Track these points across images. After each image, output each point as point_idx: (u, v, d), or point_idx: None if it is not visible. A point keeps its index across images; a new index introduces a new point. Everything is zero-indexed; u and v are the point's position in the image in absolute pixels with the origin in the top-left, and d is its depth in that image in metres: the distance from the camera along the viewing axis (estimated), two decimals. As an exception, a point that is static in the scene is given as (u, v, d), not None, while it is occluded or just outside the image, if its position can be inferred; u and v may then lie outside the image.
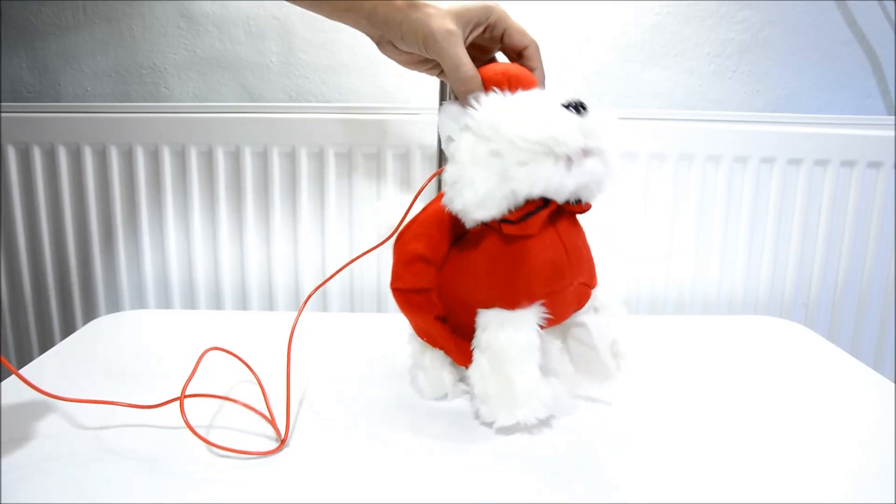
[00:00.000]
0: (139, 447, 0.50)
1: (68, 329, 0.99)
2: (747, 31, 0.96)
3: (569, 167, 0.48)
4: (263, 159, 0.94)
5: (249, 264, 0.97)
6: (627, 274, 0.97)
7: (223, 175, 0.94)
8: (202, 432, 0.52)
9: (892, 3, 0.95)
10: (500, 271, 0.51)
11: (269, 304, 0.98)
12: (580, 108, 0.48)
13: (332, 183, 0.94)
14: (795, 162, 0.95)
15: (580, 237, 0.55)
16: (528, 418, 0.51)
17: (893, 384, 0.64)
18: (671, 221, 0.96)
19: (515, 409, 0.51)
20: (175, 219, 0.96)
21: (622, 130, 0.51)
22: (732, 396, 0.61)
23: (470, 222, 0.52)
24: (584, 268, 0.54)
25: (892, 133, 0.94)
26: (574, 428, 0.55)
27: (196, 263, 0.97)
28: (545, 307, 0.52)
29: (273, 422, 0.54)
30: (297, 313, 0.59)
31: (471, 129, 0.50)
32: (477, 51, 0.56)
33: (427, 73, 0.59)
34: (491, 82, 0.52)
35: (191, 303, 0.99)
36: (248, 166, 0.94)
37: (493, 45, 0.56)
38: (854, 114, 0.99)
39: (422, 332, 0.58)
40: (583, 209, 0.53)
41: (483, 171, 0.48)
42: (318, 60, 0.96)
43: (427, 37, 0.51)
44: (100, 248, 0.97)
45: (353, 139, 0.93)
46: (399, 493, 0.45)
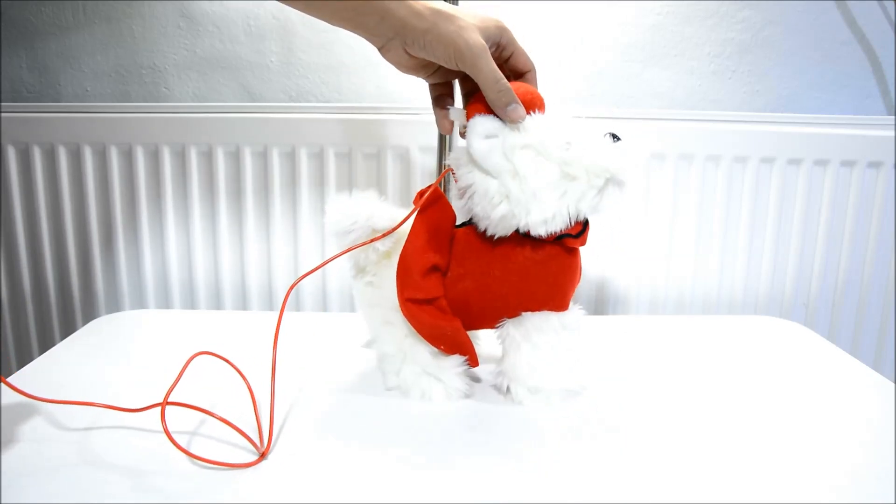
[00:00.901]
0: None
1: (68, 329, 0.99)
2: (747, 31, 0.96)
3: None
4: (263, 159, 0.94)
5: (249, 264, 0.97)
6: (627, 274, 0.97)
7: (223, 175, 0.94)
8: (186, 439, 0.51)
9: (892, 3, 0.95)
10: (556, 278, 0.56)
11: (269, 304, 0.98)
12: (616, 138, 0.54)
13: (331, 183, 0.94)
14: (795, 162, 0.95)
15: None
16: (579, 389, 0.61)
17: (893, 384, 0.64)
18: (671, 221, 0.96)
19: (572, 384, 0.60)
20: (175, 219, 0.96)
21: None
22: (732, 396, 0.61)
23: (502, 232, 0.55)
24: None
25: (892, 133, 0.94)
26: (574, 428, 0.55)
27: (196, 263, 0.97)
28: None
29: (251, 436, 0.52)
30: (278, 314, 0.59)
31: (534, 149, 0.53)
32: None
33: (423, 77, 0.59)
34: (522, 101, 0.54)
35: (191, 303, 0.99)
36: (248, 166, 0.94)
37: (499, 63, 0.56)
38: (854, 114, 0.99)
39: (438, 340, 0.57)
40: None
41: (553, 191, 0.53)
42: (318, 60, 0.96)
43: (462, 50, 0.52)
44: (100, 248, 0.97)
45: (352, 139, 0.93)
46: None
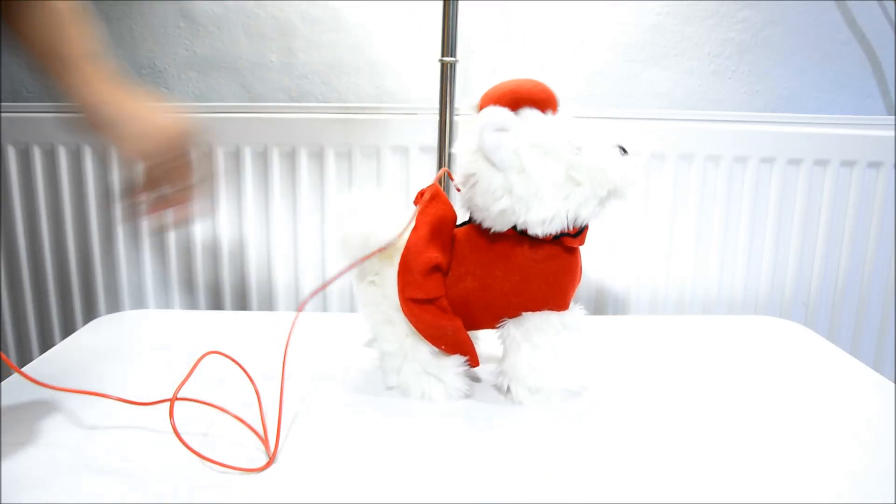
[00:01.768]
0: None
1: (68, 329, 0.99)
2: (747, 31, 0.96)
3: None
4: (263, 159, 0.94)
5: (249, 264, 0.97)
6: (627, 274, 0.97)
7: (223, 174, 0.94)
8: (195, 439, 0.51)
9: (892, 3, 0.95)
10: (556, 278, 0.56)
11: (269, 304, 0.98)
12: (624, 152, 0.54)
13: (331, 183, 0.94)
14: (795, 162, 0.95)
15: None
16: (580, 389, 0.61)
17: (893, 384, 0.64)
18: (671, 221, 0.96)
19: (572, 384, 0.60)
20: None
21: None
22: (732, 396, 0.61)
23: (498, 227, 0.55)
24: None
25: (892, 133, 0.94)
26: (574, 428, 0.55)
27: (196, 263, 0.97)
28: None
29: (265, 438, 0.52)
30: (292, 322, 0.59)
31: (543, 149, 0.52)
32: None
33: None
34: (535, 99, 0.54)
35: (191, 303, 0.99)
36: (248, 166, 0.94)
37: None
38: (854, 114, 0.99)
39: (439, 340, 0.57)
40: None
41: (557, 192, 0.53)
42: (318, 60, 0.96)
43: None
44: (100, 248, 0.97)
45: (352, 139, 0.93)
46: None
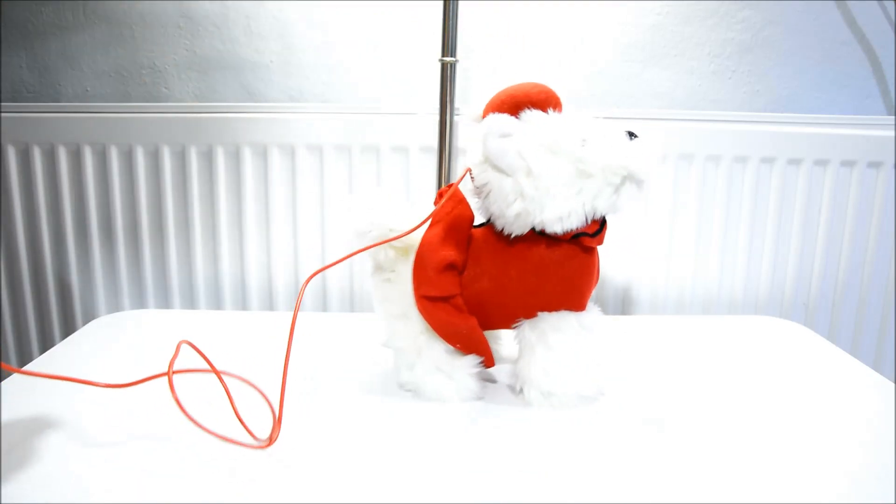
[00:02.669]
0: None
1: (68, 329, 0.99)
2: (747, 31, 0.96)
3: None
4: (263, 159, 0.94)
5: (249, 264, 0.97)
6: (627, 274, 0.97)
7: (223, 175, 0.94)
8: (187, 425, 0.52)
9: (893, 3, 0.95)
10: (573, 278, 0.56)
11: (269, 303, 0.98)
12: (633, 136, 0.54)
13: (331, 182, 0.94)
14: (795, 162, 0.95)
15: None
16: (596, 393, 0.60)
17: (893, 384, 0.64)
18: (671, 221, 0.96)
19: (587, 388, 0.58)
20: (175, 219, 0.96)
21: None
22: (732, 396, 0.61)
23: (518, 231, 0.55)
24: None
25: (892, 133, 0.94)
26: (574, 428, 0.55)
27: (196, 263, 0.97)
28: None
29: (258, 426, 0.53)
30: (297, 300, 0.58)
31: (547, 147, 0.52)
32: None
33: None
34: (534, 100, 0.54)
35: (191, 303, 0.99)
36: (248, 166, 0.94)
37: None
38: (854, 114, 0.99)
39: (453, 338, 0.57)
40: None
41: (568, 189, 0.53)
42: (318, 60, 0.96)
43: None
44: (100, 248, 0.97)
45: (352, 139, 0.93)
46: (388, 495, 0.45)
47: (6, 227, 0.97)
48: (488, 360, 0.59)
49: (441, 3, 0.86)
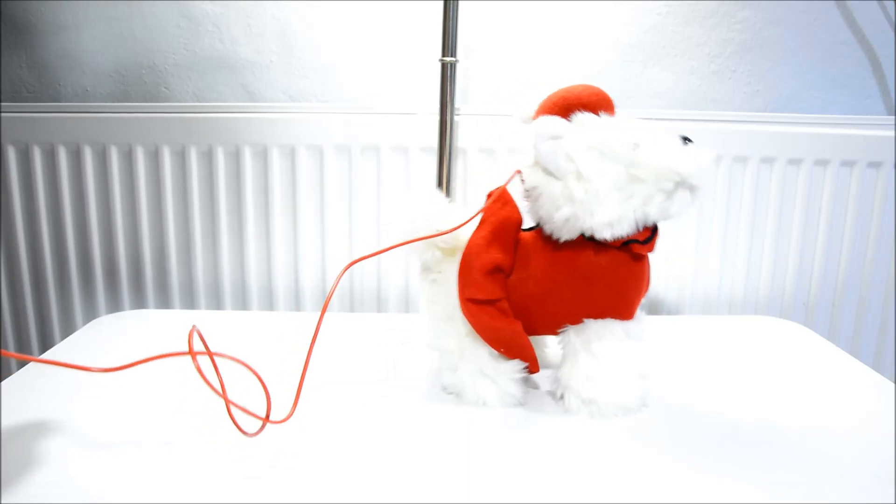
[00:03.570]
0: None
1: (68, 329, 0.99)
2: (747, 31, 0.96)
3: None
4: (263, 159, 0.94)
5: (249, 264, 0.97)
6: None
7: (223, 175, 0.94)
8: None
9: (892, 3, 0.95)
10: (621, 285, 0.55)
11: (269, 303, 0.98)
12: (687, 141, 0.52)
13: (331, 182, 0.94)
14: (795, 162, 0.95)
15: None
16: (639, 405, 0.58)
17: (893, 384, 0.64)
18: (671, 221, 0.95)
19: (630, 399, 0.57)
20: (175, 219, 0.96)
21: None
22: (732, 396, 0.61)
23: (567, 236, 0.54)
24: None
25: (892, 133, 0.94)
26: (574, 427, 0.55)
27: (196, 263, 0.97)
28: None
29: (296, 394, 0.53)
30: (328, 295, 0.58)
31: (598, 150, 0.51)
32: None
33: None
34: (585, 103, 0.53)
35: (191, 303, 0.99)
36: (247, 166, 0.94)
37: None
38: (854, 114, 0.99)
39: (497, 343, 0.56)
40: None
41: (618, 194, 0.51)
42: (318, 60, 0.96)
43: None
44: (100, 248, 0.97)
45: (352, 139, 0.93)
46: (392, 494, 0.45)
47: (6, 227, 0.97)
48: (532, 366, 0.58)
49: (441, 3, 0.86)
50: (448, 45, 0.86)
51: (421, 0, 0.93)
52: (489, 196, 0.58)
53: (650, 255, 0.56)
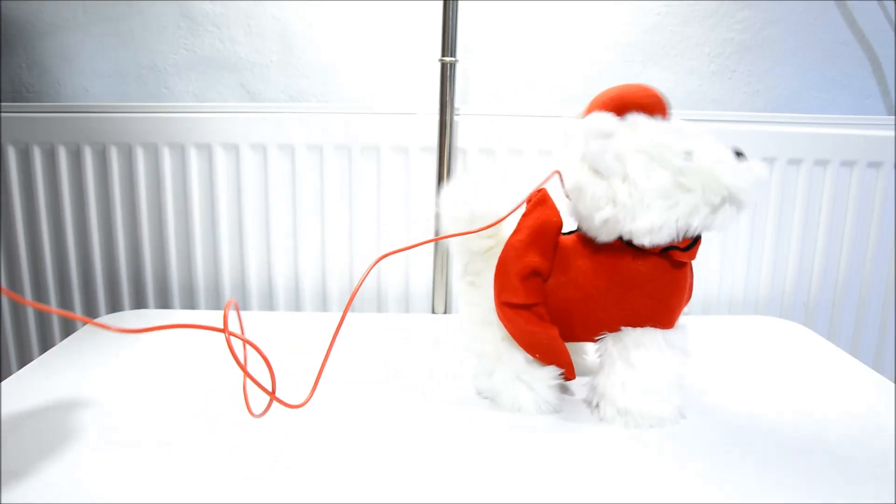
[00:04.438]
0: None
1: (68, 329, 0.99)
2: (747, 31, 0.96)
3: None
4: (263, 159, 0.94)
5: (249, 264, 0.97)
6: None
7: (223, 175, 0.94)
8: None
9: (892, 3, 0.95)
10: (662, 293, 0.53)
11: (270, 303, 0.98)
12: (740, 156, 0.51)
13: (331, 182, 0.94)
14: (795, 162, 0.95)
15: None
16: (675, 418, 0.56)
17: (893, 384, 0.64)
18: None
19: (667, 410, 0.55)
20: (175, 218, 0.96)
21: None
22: (732, 397, 0.61)
23: (605, 238, 0.53)
24: None
25: (892, 133, 0.94)
26: (574, 427, 0.55)
27: (196, 263, 0.97)
28: None
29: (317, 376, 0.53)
30: (358, 283, 0.57)
31: (648, 154, 0.50)
32: None
33: None
34: (641, 104, 0.52)
35: (191, 303, 0.99)
36: (247, 166, 0.94)
37: None
38: (854, 114, 0.99)
39: (533, 348, 0.55)
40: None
41: (663, 201, 0.50)
42: (318, 60, 0.96)
43: None
44: (100, 248, 0.97)
45: (352, 139, 0.93)
46: (397, 494, 0.45)
47: (6, 227, 0.97)
48: (568, 373, 0.56)
49: (441, 3, 0.86)
50: (448, 45, 0.86)
51: (421, 0, 0.93)
52: (528, 199, 0.56)
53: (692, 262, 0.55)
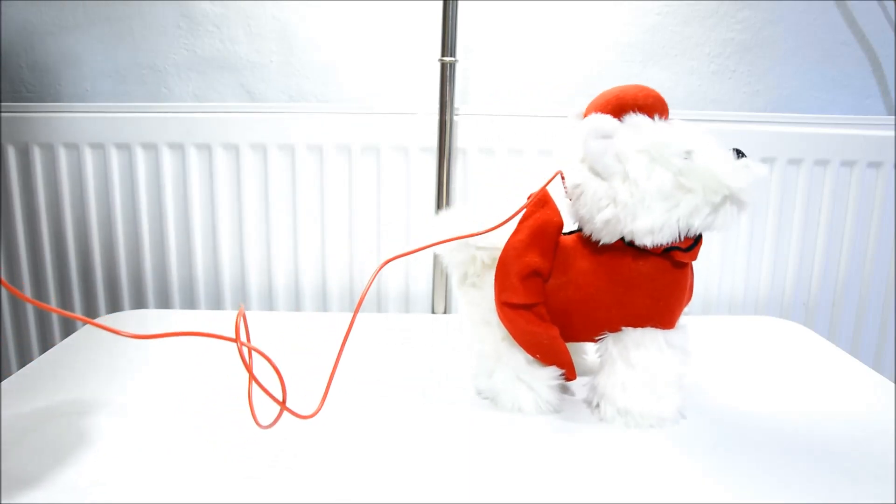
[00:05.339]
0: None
1: (68, 329, 0.99)
2: (747, 31, 0.96)
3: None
4: (263, 159, 0.94)
5: (249, 264, 0.97)
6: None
7: (223, 175, 0.94)
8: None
9: (893, 3, 0.95)
10: (662, 293, 0.53)
11: (269, 303, 0.98)
12: (740, 155, 0.52)
13: (331, 182, 0.94)
14: (795, 162, 0.95)
15: None
16: (675, 418, 0.56)
17: (893, 384, 0.64)
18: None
19: (666, 410, 0.55)
20: (175, 218, 0.96)
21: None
22: (732, 396, 0.61)
23: (606, 238, 0.53)
24: None
25: (892, 133, 0.94)
26: (574, 427, 0.55)
27: (196, 263, 0.97)
28: None
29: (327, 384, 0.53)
30: (368, 282, 0.58)
31: (649, 154, 0.50)
32: None
33: None
34: (640, 104, 0.52)
35: (190, 303, 0.99)
36: (247, 166, 0.94)
37: None
38: (854, 114, 0.99)
39: (533, 348, 0.55)
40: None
41: (664, 201, 0.50)
42: (318, 60, 0.96)
43: None
44: (100, 248, 0.97)
45: (352, 139, 0.93)
46: (398, 494, 0.45)
47: (6, 227, 0.97)
48: (569, 373, 0.56)
49: (441, 3, 0.86)
50: (448, 45, 0.86)
51: (421, 0, 0.93)
52: (529, 198, 0.56)
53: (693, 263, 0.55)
